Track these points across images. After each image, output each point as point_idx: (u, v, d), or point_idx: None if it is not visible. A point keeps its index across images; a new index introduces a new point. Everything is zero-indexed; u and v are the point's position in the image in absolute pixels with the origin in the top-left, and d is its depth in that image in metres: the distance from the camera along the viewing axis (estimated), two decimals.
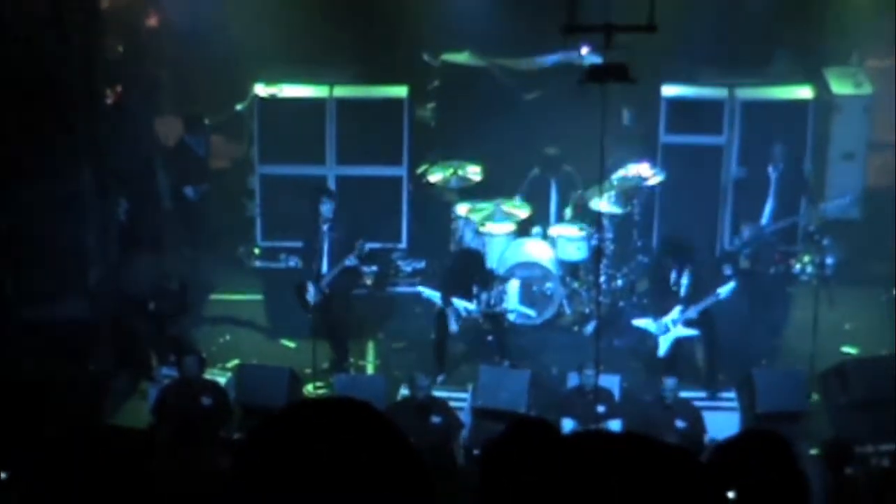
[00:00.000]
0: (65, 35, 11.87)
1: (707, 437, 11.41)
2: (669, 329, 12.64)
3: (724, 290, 12.64)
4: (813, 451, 10.82)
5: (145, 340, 13.22)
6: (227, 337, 13.99)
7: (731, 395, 12.47)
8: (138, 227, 14.11)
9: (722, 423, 11.66)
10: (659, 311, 12.76)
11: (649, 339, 12.96)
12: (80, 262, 12.59)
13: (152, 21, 16.08)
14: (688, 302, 12.65)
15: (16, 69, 11.63)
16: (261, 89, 14.94)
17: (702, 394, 12.48)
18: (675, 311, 12.62)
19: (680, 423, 11.47)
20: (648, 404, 11.99)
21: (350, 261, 13.03)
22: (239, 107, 15.49)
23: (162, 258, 14.33)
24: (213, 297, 14.60)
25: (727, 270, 13.44)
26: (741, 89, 14.83)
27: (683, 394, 11.88)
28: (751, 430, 10.34)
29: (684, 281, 12.71)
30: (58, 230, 12.06)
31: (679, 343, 12.75)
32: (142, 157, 15.08)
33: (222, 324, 14.21)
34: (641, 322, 12.89)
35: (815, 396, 12.45)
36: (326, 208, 13.15)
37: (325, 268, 13.10)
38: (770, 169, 14.01)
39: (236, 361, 13.24)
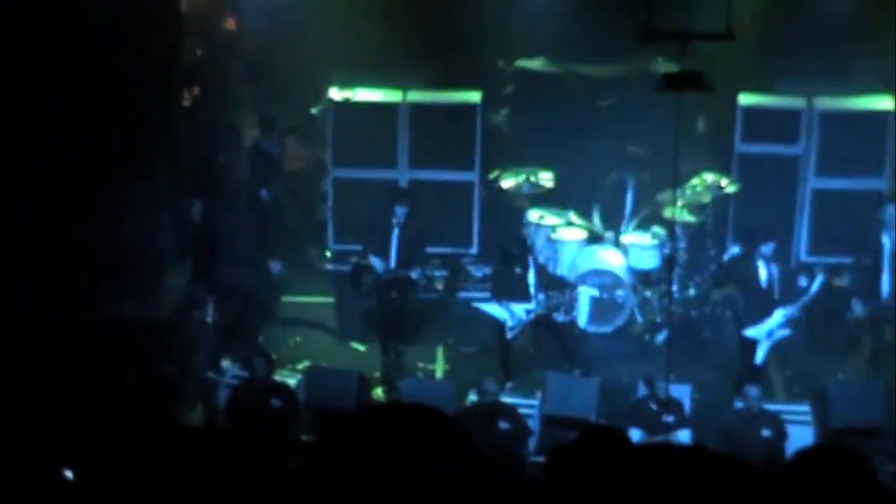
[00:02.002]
0: (143, 37, 12.00)
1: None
2: (773, 334, 12.50)
3: (815, 284, 12.47)
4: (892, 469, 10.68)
5: (215, 342, 13.33)
6: (298, 339, 14.08)
7: (805, 408, 12.31)
8: (212, 229, 14.22)
9: (795, 436, 11.52)
10: (758, 317, 12.58)
11: (724, 349, 12.84)
12: (155, 263, 12.71)
13: (230, 24, 16.23)
14: (784, 303, 12.48)
15: (94, 70, 11.78)
16: (335, 93, 15.00)
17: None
18: (779, 315, 12.44)
19: (766, 432, 11.35)
20: (731, 414, 11.86)
21: (416, 273, 13.05)
22: (314, 110, 15.59)
23: (235, 259, 14.44)
24: (285, 298, 14.66)
25: (802, 282, 13.29)
26: (819, 99, 14.69)
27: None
28: (826, 443, 10.22)
29: (775, 284, 12.57)
30: (133, 231, 12.19)
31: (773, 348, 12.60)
32: (216, 158, 15.22)
33: (293, 325, 14.28)
34: (753, 331, 12.69)
35: None
36: (400, 210, 13.18)
37: (393, 264, 13.18)
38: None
39: (306, 363, 13.32)
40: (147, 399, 11.77)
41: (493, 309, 12.98)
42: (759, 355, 12.54)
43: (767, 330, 12.50)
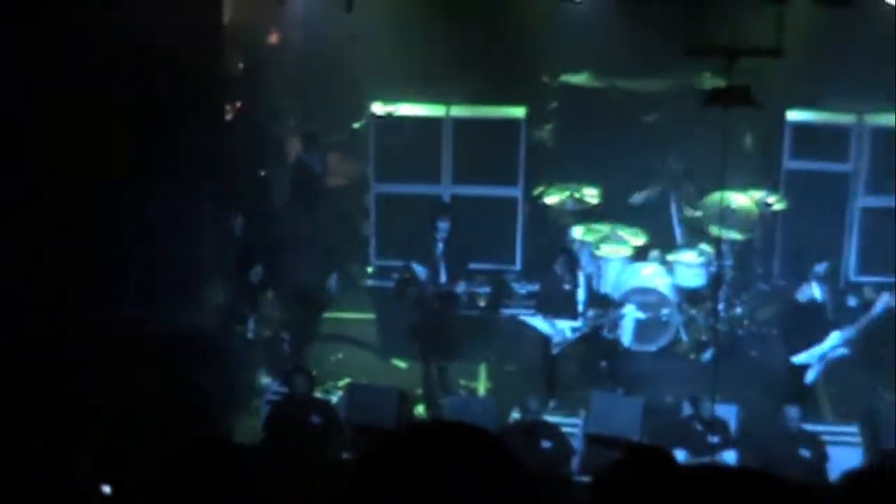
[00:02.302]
0: (185, 49, 12.07)
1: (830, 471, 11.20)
2: (826, 355, 12.42)
3: (880, 304, 12.39)
4: None
5: (257, 357, 13.39)
6: (340, 355, 14.11)
7: (853, 429, 12.21)
8: (254, 244, 14.28)
9: (843, 458, 11.42)
10: (809, 340, 12.50)
11: (772, 368, 12.75)
12: (196, 278, 12.77)
13: (273, 38, 16.29)
14: (837, 324, 12.39)
15: (136, 83, 11.86)
16: (378, 108, 15.05)
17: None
18: (835, 337, 12.36)
19: (805, 453, 11.27)
20: (770, 435, 11.78)
21: (461, 288, 13.06)
22: (356, 125, 15.63)
23: (277, 275, 14.50)
24: (326, 314, 14.70)
25: (851, 302, 13.20)
26: (870, 115, 14.60)
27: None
28: (874, 465, 10.12)
29: (828, 305, 12.49)
30: (174, 245, 12.25)
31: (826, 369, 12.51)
32: (258, 173, 15.28)
33: (334, 342, 14.32)
34: (804, 357, 12.60)
35: None
36: (443, 225, 13.20)
37: (442, 278, 13.26)
38: None
39: (347, 380, 13.34)
40: (187, 413, 11.82)
41: (539, 323, 12.95)
42: (811, 376, 12.43)
43: (820, 353, 12.41)
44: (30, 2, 11.25)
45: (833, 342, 12.37)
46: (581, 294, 12.98)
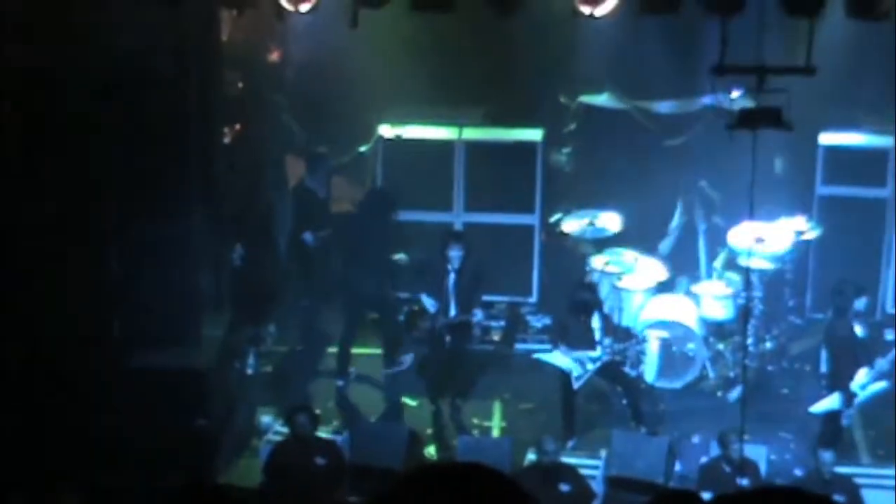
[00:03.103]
0: (181, 68, 12.12)
1: None
2: (858, 395, 12.39)
3: None
4: None
5: (257, 395, 13.40)
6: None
7: (891, 471, 12.12)
8: (254, 274, 14.30)
9: (880, 503, 11.37)
10: (841, 381, 12.44)
11: (804, 406, 12.69)
12: (192, 309, 12.78)
13: (274, 56, 16.34)
14: (870, 361, 12.38)
15: (128, 104, 11.91)
16: (386, 130, 15.12)
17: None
18: (863, 375, 12.33)
19: (839, 498, 11.23)
20: (802, 479, 11.75)
21: (477, 316, 13.07)
22: (363, 148, 15.64)
23: (278, 308, 14.51)
24: (331, 349, 14.69)
25: (889, 335, 13.16)
26: None
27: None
28: None
29: (866, 338, 12.46)
30: (169, 274, 12.27)
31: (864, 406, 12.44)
32: (260, 199, 15.32)
33: (341, 378, 14.26)
34: (822, 405, 12.57)
35: None
36: (455, 255, 13.22)
37: (452, 312, 13.25)
38: None
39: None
40: (185, 455, 11.81)
41: (557, 359, 12.95)
42: (846, 419, 12.39)
43: (852, 394, 12.34)
44: (23, 23, 11.33)
45: (861, 381, 12.31)
46: (597, 322, 12.97)
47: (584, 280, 13.85)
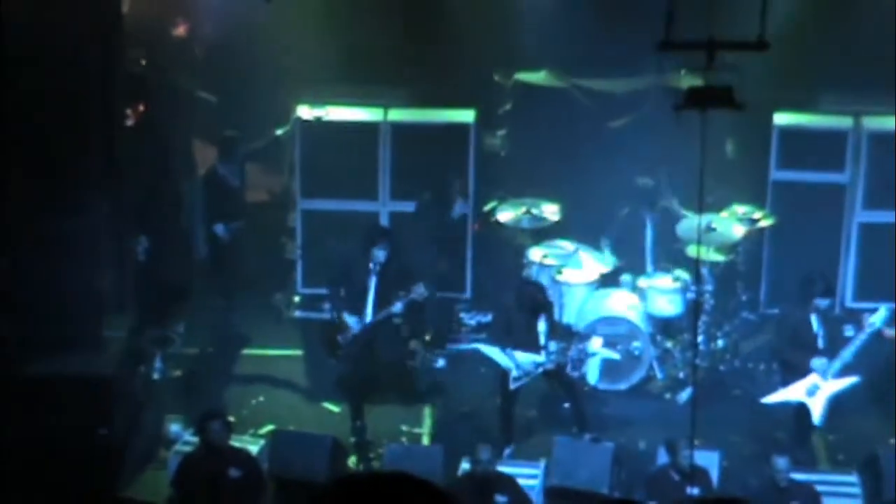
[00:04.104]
0: (77, 43, 11.98)
1: None
2: (819, 387, 12.49)
3: (878, 318, 12.45)
4: None
5: (165, 402, 13.33)
6: (261, 398, 14.04)
7: (853, 478, 12.29)
8: (160, 270, 14.21)
9: None
10: (798, 372, 12.56)
11: (759, 409, 12.80)
12: (93, 309, 12.68)
13: (180, 30, 16.25)
14: (830, 354, 12.50)
15: (22, 84, 11.78)
16: (304, 111, 15.05)
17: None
18: (821, 364, 12.48)
19: None
20: (757, 487, 11.85)
21: (397, 307, 13.05)
22: (279, 131, 15.58)
23: (187, 306, 14.44)
24: (246, 351, 14.63)
25: (849, 331, 13.30)
26: (869, 118, 14.77)
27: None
28: None
29: (821, 332, 12.58)
30: (67, 272, 12.16)
31: (837, 402, 12.52)
32: (167, 187, 15.23)
33: (255, 383, 14.25)
34: (778, 397, 12.63)
35: None
36: (379, 253, 13.20)
37: (369, 317, 13.19)
38: None
39: (271, 427, 13.28)
40: (86, 467, 11.73)
41: (497, 355, 12.99)
42: (818, 413, 12.46)
43: (813, 385, 12.44)
44: None
45: (824, 369, 12.42)
46: (543, 325, 13.01)
47: (531, 278, 13.84)
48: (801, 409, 12.60)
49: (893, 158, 14.38)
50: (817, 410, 12.47)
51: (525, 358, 12.87)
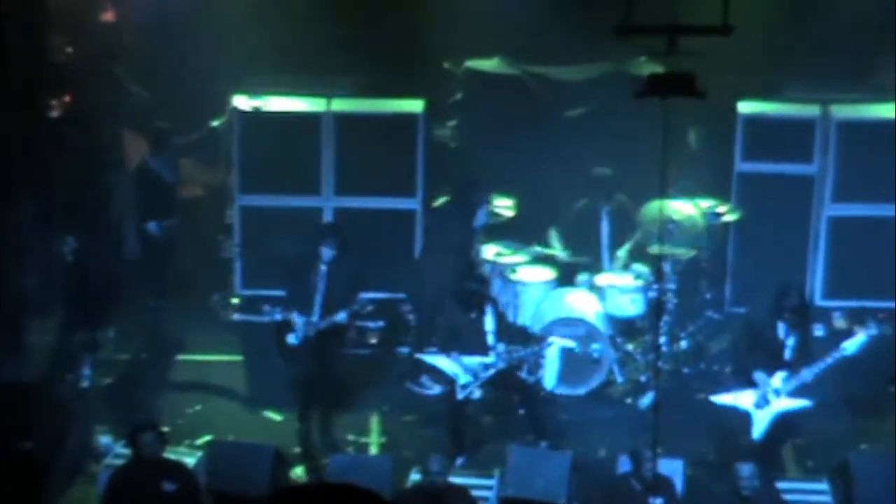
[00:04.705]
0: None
1: None
2: (769, 402, 12.52)
3: (853, 345, 12.37)
4: None
5: (93, 411, 13.25)
6: (198, 407, 14.00)
7: (823, 486, 12.32)
8: (89, 270, 14.12)
9: None
10: (752, 381, 12.54)
11: (725, 414, 12.84)
12: (16, 312, 12.56)
13: (108, 15, 16.17)
14: (793, 366, 12.52)
15: None
16: (242, 102, 15.00)
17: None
18: (778, 378, 12.49)
19: None
20: (721, 496, 11.87)
21: (341, 317, 13.01)
22: (215, 123, 15.57)
23: (118, 309, 14.36)
24: (182, 357, 14.57)
25: (819, 332, 13.35)
26: (837, 107, 14.82)
27: None
28: None
29: (790, 342, 12.55)
30: None
31: (782, 421, 12.54)
32: (95, 183, 15.12)
33: (192, 391, 14.22)
34: (727, 398, 12.61)
35: None
36: (327, 251, 13.16)
37: (316, 319, 13.12)
38: None
39: (208, 437, 13.23)
40: (8, 483, 11.63)
41: (442, 362, 12.96)
42: (759, 429, 12.42)
43: (762, 396, 12.45)
44: None
45: (776, 385, 12.41)
46: (490, 323, 12.97)
47: (472, 270, 13.84)
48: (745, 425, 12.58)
49: (864, 149, 14.49)
50: (760, 425, 12.42)
51: (473, 361, 12.85)
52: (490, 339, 12.92)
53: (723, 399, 12.66)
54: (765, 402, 12.41)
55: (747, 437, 12.48)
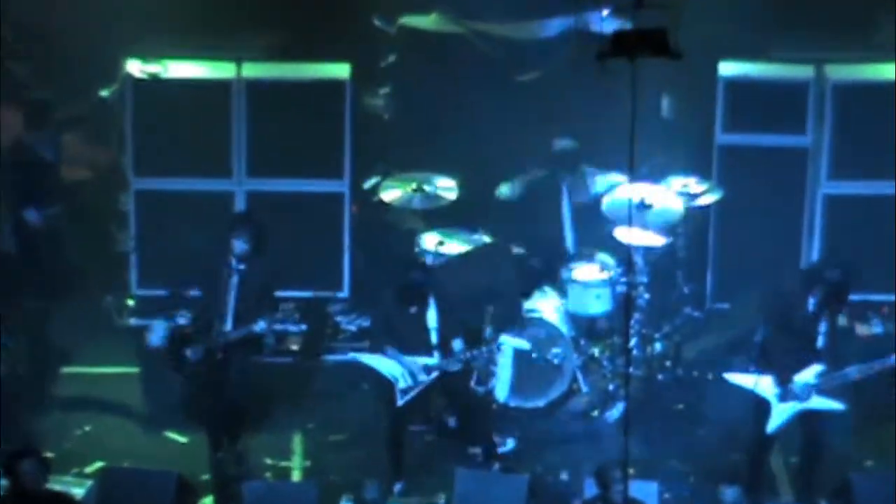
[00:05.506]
0: None
1: None
2: (798, 395, 12.46)
3: None
4: None
5: None
6: (88, 428, 13.96)
7: None
8: None
9: None
10: (784, 368, 12.46)
11: (708, 427, 12.90)
12: None
13: None
14: (827, 358, 12.47)
15: None
16: (136, 67, 14.93)
17: None
18: (812, 372, 12.53)
19: None
20: None
21: (260, 326, 12.98)
22: (105, 93, 15.47)
23: None
24: (68, 369, 14.51)
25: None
26: (834, 67, 14.87)
27: None
28: None
29: (822, 328, 12.52)
30: None
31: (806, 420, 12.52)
32: None
33: (80, 409, 14.16)
34: (745, 380, 12.49)
35: None
36: (239, 245, 13.09)
37: (228, 325, 13.09)
38: None
39: (100, 464, 13.16)
40: None
41: (377, 362, 12.96)
42: (775, 422, 12.43)
43: (791, 388, 12.45)
44: None
45: (807, 379, 12.39)
46: (433, 319, 12.97)
47: (416, 258, 13.87)
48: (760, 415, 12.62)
49: (865, 116, 14.57)
50: (779, 418, 12.43)
51: (412, 362, 12.85)
52: (433, 337, 12.93)
53: (740, 380, 12.60)
54: (792, 394, 12.42)
55: (756, 427, 12.51)
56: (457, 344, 12.93)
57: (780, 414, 12.43)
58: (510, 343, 13.53)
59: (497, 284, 14.16)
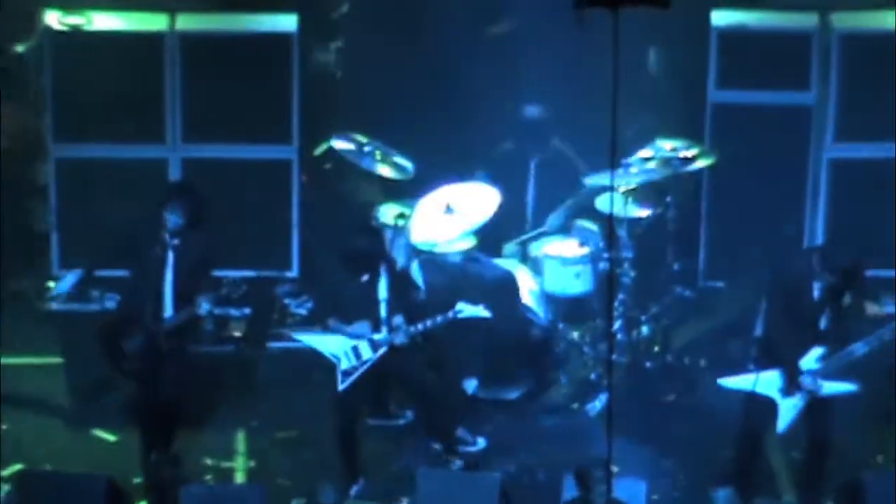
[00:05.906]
0: None
1: None
2: (801, 385, 12.30)
3: None
4: None
5: None
6: (4, 427, 13.90)
7: None
8: None
9: None
10: (791, 363, 12.36)
11: (700, 420, 12.84)
12: None
13: None
14: (831, 341, 12.33)
15: None
16: (55, 19, 14.89)
17: None
18: (812, 357, 12.37)
19: None
20: None
21: (203, 308, 12.90)
22: (20, 48, 15.44)
23: None
24: None
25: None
26: (840, 15, 14.85)
27: None
28: None
29: (827, 311, 12.35)
30: None
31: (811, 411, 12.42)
32: None
33: None
34: (743, 382, 12.41)
35: None
36: (173, 218, 12.94)
37: (168, 310, 13.01)
38: None
39: (18, 467, 13.18)
40: None
41: (318, 341, 12.91)
42: (784, 420, 12.37)
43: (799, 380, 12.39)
44: None
45: (808, 365, 12.29)
46: (383, 290, 12.92)
47: (367, 223, 13.94)
48: (755, 416, 12.51)
49: (875, 71, 14.53)
50: (788, 414, 12.39)
51: (358, 334, 12.84)
52: (382, 310, 12.88)
53: (738, 382, 12.47)
54: (795, 387, 12.30)
55: (756, 427, 12.47)
56: (397, 318, 12.92)
57: (788, 410, 12.37)
58: (468, 311, 13.36)
59: None
